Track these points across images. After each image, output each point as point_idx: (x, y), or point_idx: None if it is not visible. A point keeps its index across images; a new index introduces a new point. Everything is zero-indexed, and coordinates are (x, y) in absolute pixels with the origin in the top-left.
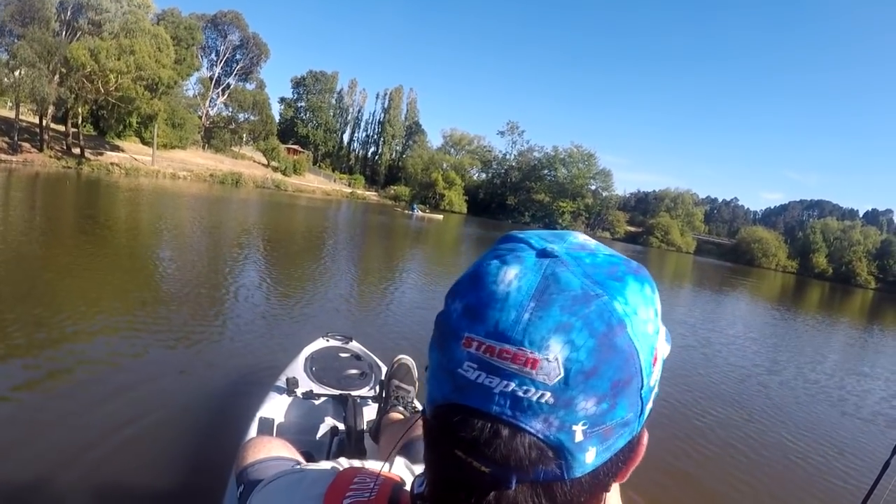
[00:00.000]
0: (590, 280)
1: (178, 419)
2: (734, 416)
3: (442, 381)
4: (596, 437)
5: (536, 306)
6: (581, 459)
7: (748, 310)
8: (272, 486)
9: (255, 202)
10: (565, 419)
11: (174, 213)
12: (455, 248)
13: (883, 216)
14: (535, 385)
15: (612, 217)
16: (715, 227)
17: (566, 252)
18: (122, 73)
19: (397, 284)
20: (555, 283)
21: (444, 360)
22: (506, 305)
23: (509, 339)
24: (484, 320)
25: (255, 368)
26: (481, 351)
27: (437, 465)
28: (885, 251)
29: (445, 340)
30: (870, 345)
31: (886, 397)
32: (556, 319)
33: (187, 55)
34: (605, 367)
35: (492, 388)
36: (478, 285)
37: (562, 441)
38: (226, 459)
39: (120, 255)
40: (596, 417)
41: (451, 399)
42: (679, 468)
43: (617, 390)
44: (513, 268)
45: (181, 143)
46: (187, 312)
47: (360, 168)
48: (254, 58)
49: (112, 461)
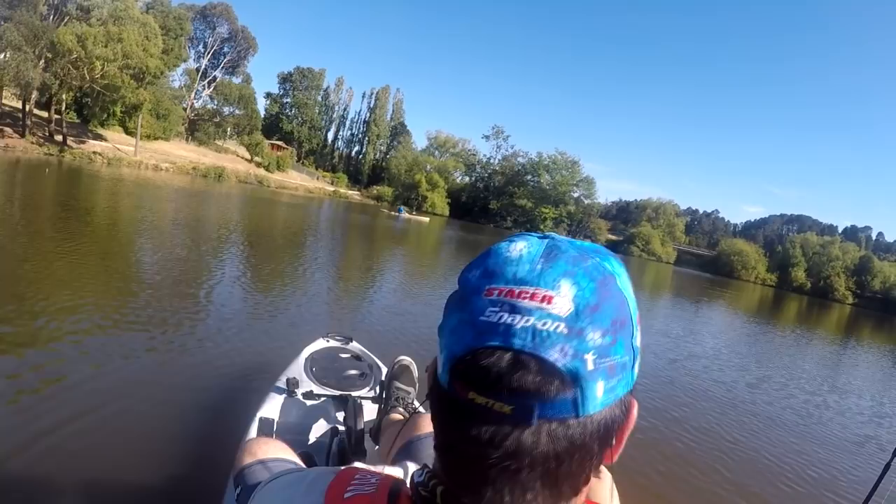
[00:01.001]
0: (584, 251)
1: (177, 420)
2: (721, 426)
3: (463, 334)
4: (603, 370)
5: (546, 261)
6: (593, 391)
7: (728, 322)
8: (274, 484)
9: (238, 197)
10: (578, 348)
11: (160, 206)
12: (446, 250)
13: (861, 232)
14: (552, 317)
15: (593, 225)
16: (695, 239)
17: (560, 237)
18: (108, 61)
19: (391, 284)
20: (556, 249)
21: (464, 316)
22: (520, 262)
23: (527, 282)
24: (503, 274)
25: (254, 368)
26: (503, 295)
27: (452, 423)
28: (864, 267)
29: (467, 299)
30: (858, 360)
31: (874, 406)
32: (563, 268)
33: (175, 45)
34: (605, 304)
35: (513, 324)
36: (492, 256)
37: (577, 368)
38: (226, 460)
39: (105, 250)
40: (602, 349)
41: (473, 345)
42: (666, 486)
43: (616, 328)
44: (520, 242)
45: (165, 135)
46: (182, 312)
47: (343, 167)
48: (241, 51)
49: (109, 462)
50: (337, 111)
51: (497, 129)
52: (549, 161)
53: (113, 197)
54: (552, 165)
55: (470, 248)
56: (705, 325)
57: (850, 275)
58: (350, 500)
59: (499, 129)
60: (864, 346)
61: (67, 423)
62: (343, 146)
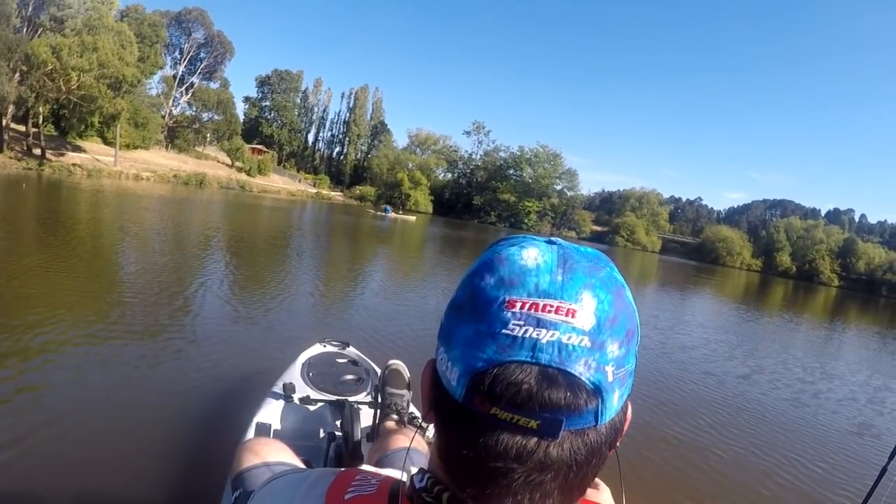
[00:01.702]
0: (592, 260)
1: (173, 427)
2: (714, 423)
3: (482, 347)
4: (619, 380)
5: (564, 271)
6: (611, 401)
7: (716, 309)
8: (275, 484)
9: (221, 203)
10: (600, 361)
11: (142, 215)
12: (436, 249)
13: (845, 215)
14: (576, 331)
15: (577, 216)
16: (679, 227)
17: (564, 243)
18: (84, 71)
19: (382, 286)
20: (570, 258)
21: (483, 327)
22: (539, 272)
23: (551, 295)
24: (524, 285)
25: (250, 374)
26: (526, 308)
27: (472, 440)
28: (848, 249)
29: (483, 310)
30: (847, 343)
31: (864, 392)
32: (583, 280)
33: (151, 53)
34: (621, 316)
35: (539, 339)
36: (506, 263)
37: (600, 381)
38: (223, 465)
39: (89, 262)
40: (619, 360)
41: (496, 360)
42: (664, 483)
43: (628, 338)
44: (532, 249)
45: (144, 144)
46: (172, 321)
47: (325, 168)
48: (218, 56)
49: (105, 471)
50: (316, 112)
51: (478, 124)
52: (531, 155)
53: (94, 209)
54: (534, 159)
55: (456, 245)
56: (693, 314)
57: (835, 257)
58: (350, 501)
59: (479, 124)
60: (853, 329)
61: (62, 432)
62: (324, 147)
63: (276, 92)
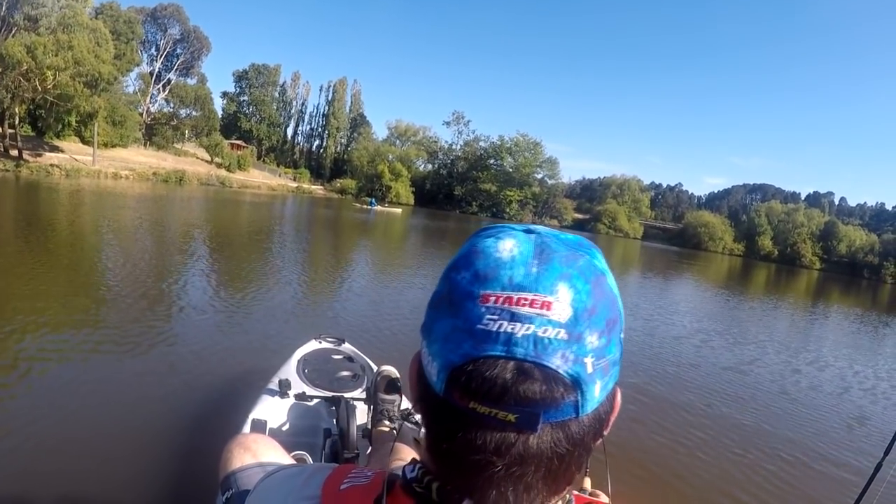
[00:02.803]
0: (571, 248)
1: (167, 425)
2: (701, 413)
3: (459, 342)
4: (600, 370)
5: (540, 262)
6: (592, 392)
7: (700, 295)
8: (272, 479)
9: (202, 200)
10: (578, 352)
11: (123, 214)
12: (420, 241)
13: (825, 198)
14: (552, 323)
15: (559, 205)
16: (661, 213)
17: (544, 231)
18: (60, 70)
19: (375, 279)
20: (547, 247)
21: (458, 322)
22: (514, 265)
23: (525, 288)
24: (497, 278)
25: (244, 371)
26: (500, 302)
27: (452, 433)
28: (829, 232)
29: (459, 304)
30: (833, 326)
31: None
32: (559, 270)
33: (127, 50)
34: (600, 306)
35: (514, 333)
36: (481, 256)
37: (578, 373)
38: (217, 463)
39: (75, 262)
40: (599, 350)
41: (472, 354)
42: (654, 474)
43: (609, 327)
44: (508, 240)
45: (122, 142)
46: (162, 320)
47: (304, 162)
48: (195, 52)
49: (98, 472)
50: (295, 106)
51: (457, 114)
52: (511, 144)
53: (75, 209)
54: (514, 148)
55: (439, 236)
56: (677, 301)
57: (816, 240)
58: (345, 491)
59: (459, 114)
60: (842, 312)
61: (48, 435)
62: (303, 141)
63: (253, 86)
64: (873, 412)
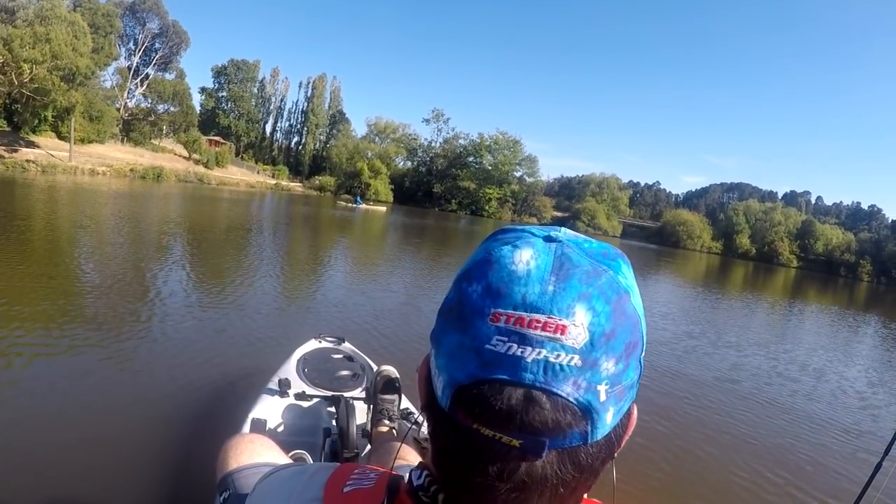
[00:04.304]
0: (593, 260)
1: (165, 426)
2: (693, 416)
3: (465, 361)
4: (614, 397)
5: (557, 280)
6: (603, 420)
7: (680, 293)
8: (272, 479)
9: (182, 197)
10: (591, 380)
11: (106, 212)
12: (403, 238)
13: (801, 197)
14: (566, 349)
15: (538, 203)
16: (639, 211)
17: (567, 238)
18: (37, 63)
19: (373, 278)
20: (567, 261)
21: (466, 340)
22: (529, 281)
23: (539, 309)
24: (510, 295)
25: (243, 371)
26: (511, 323)
27: (456, 451)
28: (806, 231)
29: (468, 320)
30: (810, 324)
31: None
32: (577, 290)
33: (105, 43)
34: (620, 329)
35: (524, 357)
36: (495, 268)
37: (590, 402)
38: (215, 464)
39: (68, 262)
40: (615, 377)
41: (478, 376)
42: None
43: (629, 352)
44: (526, 250)
45: (99, 137)
46: (157, 319)
47: (283, 159)
48: (174, 46)
49: (98, 467)
50: (274, 102)
51: (437, 112)
52: (490, 142)
53: (56, 206)
54: (494, 146)
55: (416, 233)
56: (658, 300)
57: (794, 239)
58: (349, 495)
59: (439, 112)
60: (821, 310)
61: (51, 434)
62: (282, 138)
63: (232, 82)
64: (873, 412)
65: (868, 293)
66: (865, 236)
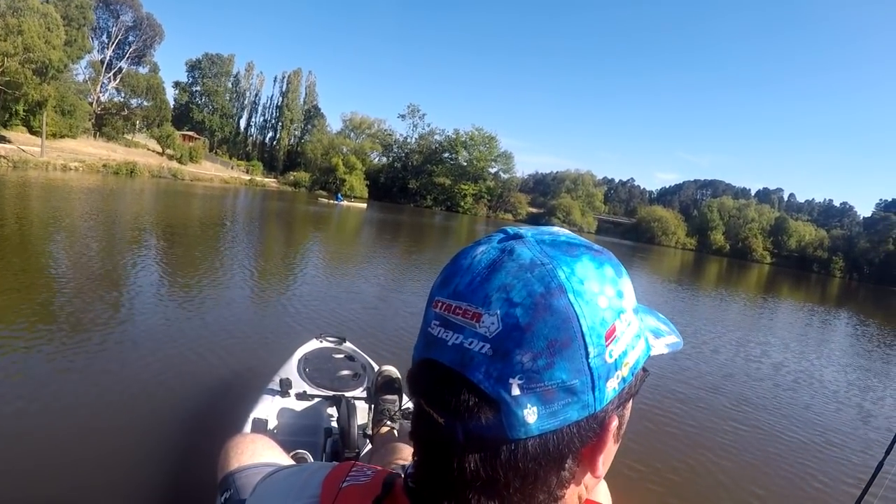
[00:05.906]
0: (542, 254)
1: (166, 423)
2: (687, 416)
3: (419, 340)
4: (534, 395)
5: (489, 272)
6: (521, 416)
7: (659, 288)
8: (273, 478)
9: (156, 193)
10: (503, 371)
11: (89, 209)
12: (380, 234)
13: (774, 194)
14: (477, 337)
15: (513, 199)
16: (613, 207)
17: (533, 235)
18: (8, 56)
19: (371, 277)
20: (509, 255)
21: (423, 324)
22: (466, 273)
23: (463, 298)
24: (449, 285)
25: (245, 371)
26: (442, 309)
27: (414, 421)
28: (780, 227)
29: (427, 307)
30: (787, 319)
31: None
32: (501, 281)
33: (78, 36)
34: (540, 324)
35: (447, 340)
36: (452, 262)
37: (500, 392)
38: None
39: (63, 262)
40: (531, 373)
41: (423, 354)
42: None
43: (554, 350)
44: (482, 246)
45: (71, 132)
46: (156, 318)
47: (257, 154)
48: (147, 39)
49: (98, 467)
50: (248, 97)
51: (412, 107)
52: (466, 138)
53: (35, 203)
54: (469, 142)
55: (394, 229)
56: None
57: (767, 235)
58: (345, 490)
59: (414, 107)
60: (820, 309)
61: (50, 433)
62: (256, 133)
63: (206, 76)
64: (873, 412)
65: (841, 289)
66: (838, 233)
